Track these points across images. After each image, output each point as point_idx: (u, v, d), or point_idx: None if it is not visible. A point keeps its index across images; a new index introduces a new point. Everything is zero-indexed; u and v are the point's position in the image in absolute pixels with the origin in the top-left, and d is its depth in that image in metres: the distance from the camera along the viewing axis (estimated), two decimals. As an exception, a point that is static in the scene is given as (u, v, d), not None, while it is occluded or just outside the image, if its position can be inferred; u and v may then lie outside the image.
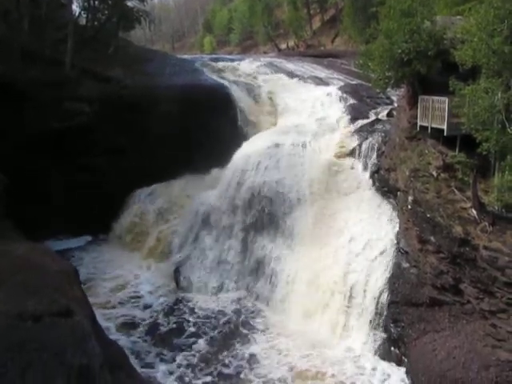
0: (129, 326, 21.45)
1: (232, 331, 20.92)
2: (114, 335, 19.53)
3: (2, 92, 25.05)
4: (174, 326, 21.46)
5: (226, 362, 18.86)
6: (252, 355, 19.19)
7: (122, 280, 25.55)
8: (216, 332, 20.88)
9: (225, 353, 19.40)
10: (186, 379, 17.92)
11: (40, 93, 26.97)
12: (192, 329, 21.20)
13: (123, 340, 19.82)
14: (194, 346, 19.92)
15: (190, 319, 21.93)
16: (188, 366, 18.69)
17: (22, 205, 24.29)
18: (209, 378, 17.95)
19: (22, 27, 29.02)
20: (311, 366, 18.32)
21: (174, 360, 19.04)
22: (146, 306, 23.04)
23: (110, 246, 29.42)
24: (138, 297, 23.90)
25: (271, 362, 18.68)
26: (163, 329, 21.23)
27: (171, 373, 18.25)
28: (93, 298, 20.46)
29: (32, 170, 27.11)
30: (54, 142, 27.50)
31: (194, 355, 19.33)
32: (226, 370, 18.36)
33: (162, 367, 18.61)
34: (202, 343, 20.14)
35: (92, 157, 29.25)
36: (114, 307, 22.91)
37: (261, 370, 18.31)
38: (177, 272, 24.87)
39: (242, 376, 18.03)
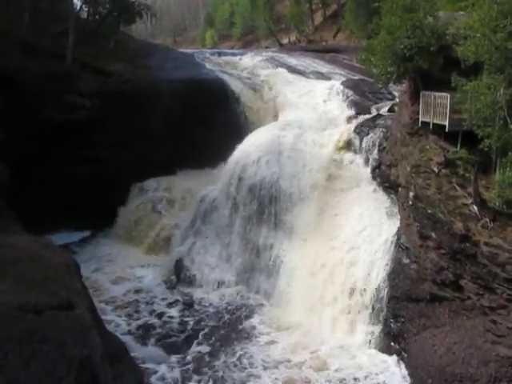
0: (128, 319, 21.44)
1: (233, 327, 20.86)
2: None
3: (2, 83, 24.99)
4: (174, 321, 21.35)
5: (227, 359, 18.63)
6: (252, 351, 19.05)
7: (122, 274, 25.57)
8: (216, 328, 20.78)
9: (225, 350, 19.22)
10: (186, 379, 17.63)
11: (40, 86, 26.90)
12: (192, 324, 21.11)
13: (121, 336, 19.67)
14: (194, 342, 19.77)
15: (191, 314, 21.90)
16: (188, 363, 18.40)
17: (22, 198, 24.26)
18: (209, 376, 17.68)
19: (23, 20, 28.97)
20: (311, 361, 18.34)
21: (174, 358, 18.74)
22: (146, 301, 22.97)
23: (110, 240, 29.42)
24: (138, 291, 23.87)
25: (272, 358, 18.61)
26: (162, 325, 21.09)
27: (170, 371, 17.92)
28: (93, 291, 20.43)
29: (32, 163, 27.13)
30: (54, 135, 27.43)
31: (194, 352, 19.09)
32: (225, 368, 18.09)
33: (161, 365, 18.34)
34: (202, 339, 19.98)
35: (93, 150, 29.20)
36: (113, 302, 22.86)
37: (262, 366, 18.19)
38: (178, 266, 24.90)
39: (242, 374, 17.85)
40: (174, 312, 22.10)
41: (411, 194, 18.50)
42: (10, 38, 27.12)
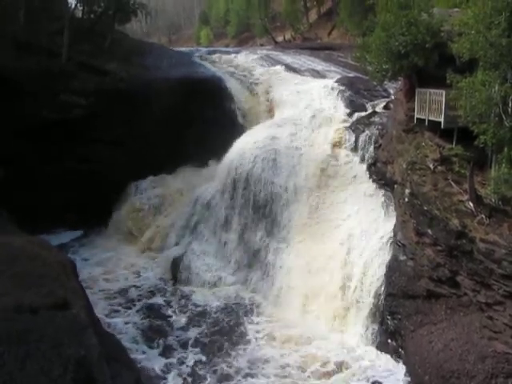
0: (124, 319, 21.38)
1: (230, 326, 20.76)
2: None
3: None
4: (170, 321, 21.22)
5: (224, 359, 18.49)
6: (250, 351, 18.97)
7: (119, 273, 25.53)
8: (213, 328, 20.68)
9: (222, 350, 19.12)
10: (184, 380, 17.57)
11: (35, 84, 26.87)
12: (188, 324, 20.96)
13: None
14: (191, 343, 19.62)
15: (187, 314, 21.80)
16: (185, 366, 18.23)
17: (16, 198, 24.17)
18: (206, 379, 17.51)
19: (18, 19, 28.87)
20: (309, 359, 18.33)
21: (170, 360, 18.60)
22: (142, 302, 22.85)
23: (106, 239, 29.33)
24: (133, 291, 23.79)
25: (270, 357, 18.52)
26: (159, 324, 20.98)
27: (168, 373, 17.84)
28: (88, 290, 20.33)
29: (27, 162, 27.07)
30: (49, 134, 27.35)
31: (191, 354, 18.93)
32: (224, 369, 17.96)
33: (159, 365, 18.25)
34: (199, 340, 19.83)
35: (88, 150, 29.24)
36: (108, 299, 22.85)
37: (260, 366, 18.10)
38: (174, 265, 24.86)
39: (240, 375, 17.70)
40: (170, 312, 22.01)
41: (407, 190, 18.52)
42: (5, 37, 27.02)
